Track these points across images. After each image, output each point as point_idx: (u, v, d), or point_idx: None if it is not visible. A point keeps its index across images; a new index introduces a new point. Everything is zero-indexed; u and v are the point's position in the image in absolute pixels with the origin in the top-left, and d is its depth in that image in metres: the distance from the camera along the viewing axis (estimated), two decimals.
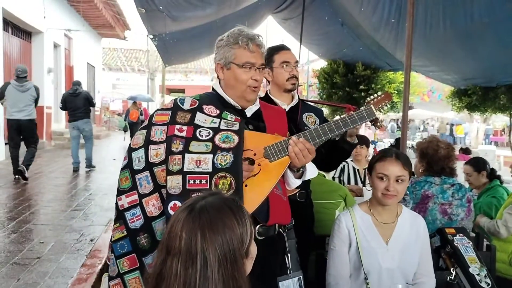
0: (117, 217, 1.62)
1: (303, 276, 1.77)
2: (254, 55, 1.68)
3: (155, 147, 1.58)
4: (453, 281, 2.08)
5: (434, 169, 2.62)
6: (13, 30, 10.29)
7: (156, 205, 1.56)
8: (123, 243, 1.59)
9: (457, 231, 2.23)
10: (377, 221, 1.95)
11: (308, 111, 2.43)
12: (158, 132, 1.60)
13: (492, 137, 25.04)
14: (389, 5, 5.43)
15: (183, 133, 1.57)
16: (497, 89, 7.15)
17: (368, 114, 1.78)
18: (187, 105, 1.67)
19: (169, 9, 5.47)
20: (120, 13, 14.46)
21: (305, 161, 1.66)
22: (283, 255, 1.74)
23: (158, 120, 1.64)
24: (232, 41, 1.68)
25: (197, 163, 1.50)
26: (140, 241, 1.56)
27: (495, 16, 4.58)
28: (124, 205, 1.59)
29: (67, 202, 5.58)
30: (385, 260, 1.89)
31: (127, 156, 1.63)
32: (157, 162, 1.56)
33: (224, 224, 1.02)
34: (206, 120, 1.63)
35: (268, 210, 1.64)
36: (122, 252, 1.59)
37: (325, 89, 9.01)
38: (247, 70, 1.68)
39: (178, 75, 26.82)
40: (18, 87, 6.74)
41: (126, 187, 1.60)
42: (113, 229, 1.63)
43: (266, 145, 1.64)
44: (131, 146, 1.64)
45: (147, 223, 1.56)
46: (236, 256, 1.02)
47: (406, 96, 4.08)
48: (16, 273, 3.29)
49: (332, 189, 2.80)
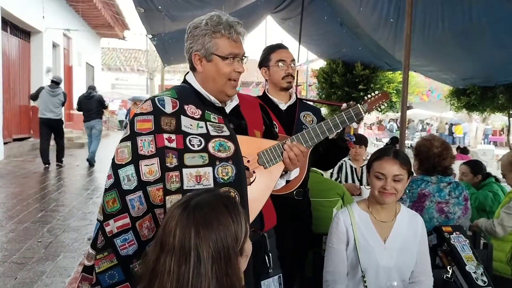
0: (104, 245, 1.39)
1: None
2: (237, 44, 1.54)
3: (146, 162, 1.39)
4: (450, 279, 2.07)
5: (425, 166, 2.63)
6: (12, 30, 10.28)
7: (149, 227, 1.38)
8: (113, 272, 1.39)
9: (453, 229, 2.23)
10: (375, 219, 1.95)
11: (306, 110, 2.44)
12: (145, 144, 1.41)
13: (491, 136, 25.05)
14: (388, 5, 5.43)
15: (173, 144, 1.42)
16: (496, 88, 7.16)
17: (356, 114, 1.81)
18: (169, 107, 1.48)
19: (168, 8, 5.47)
20: (119, 13, 14.46)
21: (299, 164, 1.62)
22: (264, 254, 1.71)
23: (141, 129, 1.43)
24: (212, 29, 1.52)
25: (197, 179, 1.38)
26: (134, 268, 1.38)
27: (493, 15, 4.58)
28: (113, 230, 1.38)
29: (65, 202, 5.58)
30: (383, 258, 1.89)
31: (113, 174, 1.40)
32: (152, 181, 1.37)
33: (218, 221, 1.02)
34: (192, 125, 1.47)
35: (262, 218, 1.61)
36: (112, 283, 1.39)
37: (324, 89, 9.02)
38: (230, 62, 1.53)
39: (177, 75, 26.78)
40: (50, 92, 8.12)
41: (114, 210, 1.38)
42: (96, 259, 1.40)
43: (259, 151, 1.58)
44: (115, 162, 1.41)
45: (141, 249, 1.37)
46: (230, 254, 1.01)
47: (405, 95, 4.08)
48: (14, 272, 3.29)
49: (329, 188, 2.80)
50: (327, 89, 8.91)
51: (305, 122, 2.38)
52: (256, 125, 1.71)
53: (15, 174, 7.36)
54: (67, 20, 13.06)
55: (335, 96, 8.63)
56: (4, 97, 9.51)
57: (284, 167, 1.61)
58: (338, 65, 8.55)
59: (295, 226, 2.27)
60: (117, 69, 26.84)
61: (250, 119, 1.69)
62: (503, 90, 7.05)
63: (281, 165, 1.60)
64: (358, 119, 1.84)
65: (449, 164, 2.63)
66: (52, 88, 8.21)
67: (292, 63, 2.37)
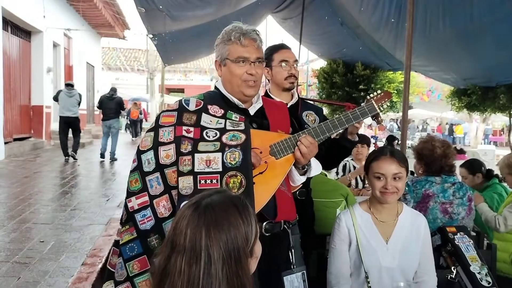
0: (127, 219, 1.59)
1: (306, 272, 1.79)
2: (247, 49, 1.68)
3: (164, 148, 1.58)
4: (454, 280, 2.08)
5: (433, 169, 2.62)
6: (13, 30, 10.27)
7: (166, 206, 1.56)
8: (133, 245, 1.56)
9: (458, 229, 2.24)
10: (376, 220, 1.95)
11: (308, 109, 2.44)
12: (166, 133, 1.60)
13: (492, 137, 25.07)
14: (389, 5, 5.44)
15: (190, 134, 1.58)
16: (497, 88, 7.16)
17: (369, 110, 1.83)
18: (193, 106, 1.68)
19: (168, 8, 5.48)
20: (120, 12, 14.45)
21: (310, 157, 1.70)
22: (288, 250, 1.75)
23: (165, 122, 1.64)
24: (226, 37, 1.70)
25: (207, 163, 1.51)
26: (151, 242, 1.55)
27: (494, 16, 4.59)
28: (134, 206, 1.58)
29: (66, 202, 5.57)
30: (385, 259, 1.89)
31: (137, 159, 1.62)
32: (168, 164, 1.56)
33: (229, 222, 1.02)
34: (212, 121, 1.64)
35: (275, 207, 1.67)
36: (132, 255, 1.56)
37: (325, 89, 9.03)
38: (241, 65, 1.68)
39: (178, 74, 26.81)
40: (67, 93, 9.22)
41: (136, 189, 1.59)
42: (120, 232, 1.61)
43: (272, 143, 1.66)
44: (139, 148, 1.63)
45: (158, 224, 1.55)
46: (241, 255, 1.02)
47: (406, 95, 4.09)
48: (17, 272, 3.29)
49: (333, 188, 2.81)
50: (328, 89, 8.92)
51: (308, 121, 2.38)
52: (282, 127, 1.79)
53: (16, 174, 7.35)
54: (68, 20, 13.04)
55: (335, 96, 8.65)
56: (5, 97, 9.50)
57: (296, 159, 1.68)
58: (339, 65, 8.56)
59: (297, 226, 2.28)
60: (117, 68, 26.81)
61: (275, 121, 1.79)
62: (504, 90, 7.05)
63: (293, 157, 1.68)
64: (372, 115, 1.86)
65: (451, 164, 2.64)
66: (68, 90, 9.27)
67: (295, 63, 2.38)
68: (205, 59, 23.97)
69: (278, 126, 1.78)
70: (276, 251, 1.70)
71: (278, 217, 1.68)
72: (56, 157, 9.53)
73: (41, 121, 11.35)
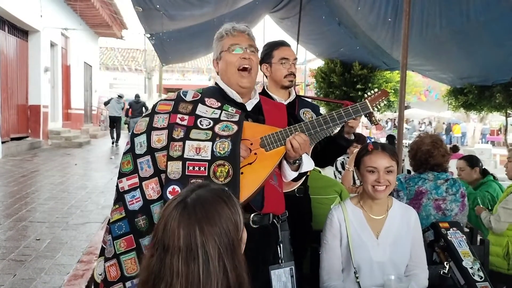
0: (117, 199, 1.65)
1: (295, 267, 1.79)
2: (239, 38, 1.76)
3: (157, 133, 1.63)
4: (447, 275, 2.09)
5: (413, 163, 2.68)
6: (10, 29, 10.25)
7: (155, 189, 1.60)
8: (121, 224, 1.62)
9: (450, 225, 2.25)
10: (367, 215, 1.97)
11: (305, 107, 2.45)
12: (160, 120, 1.66)
13: (489, 136, 25.09)
14: (386, 5, 5.45)
15: (184, 122, 1.63)
16: (493, 88, 7.19)
17: (363, 108, 1.82)
18: (190, 96, 1.74)
19: (166, 8, 5.47)
20: (117, 12, 14.42)
21: (300, 152, 1.70)
22: (276, 245, 1.76)
23: (161, 109, 1.70)
24: (219, 36, 1.80)
25: (197, 150, 1.55)
26: (138, 222, 1.60)
27: (491, 15, 4.61)
28: (124, 187, 1.63)
29: (63, 200, 5.57)
30: (376, 254, 1.90)
31: (130, 141, 1.68)
32: (159, 148, 1.61)
33: (219, 215, 1.03)
34: (207, 111, 1.69)
35: (263, 199, 1.68)
36: (120, 233, 1.62)
37: (322, 89, 9.04)
38: (234, 52, 1.75)
39: (175, 74, 26.77)
40: (117, 101, 14.14)
41: (127, 170, 1.65)
42: (112, 211, 1.66)
43: (263, 135, 1.69)
44: (134, 132, 1.69)
45: (146, 206, 1.60)
46: (235, 246, 1.03)
47: (403, 94, 4.10)
48: (13, 269, 3.30)
49: (328, 185, 2.82)
50: (325, 89, 8.93)
51: (305, 119, 2.39)
52: (278, 124, 1.80)
53: (13, 173, 7.34)
54: (65, 19, 13.02)
55: (333, 95, 8.66)
56: (2, 96, 9.50)
57: (286, 152, 1.70)
58: (336, 64, 8.57)
59: (295, 223, 2.29)
60: (115, 68, 26.74)
61: (271, 118, 1.82)
62: (500, 89, 7.08)
63: (282, 150, 1.70)
64: (366, 113, 1.86)
65: (438, 162, 2.63)
66: (118, 99, 14.14)
67: (294, 61, 2.39)
68: (203, 59, 23.93)
69: (273, 123, 1.79)
70: (264, 244, 1.70)
71: (264, 209, 1.68)
72: (53, 157, 9.54)
73: (38, 120, 11.34)
